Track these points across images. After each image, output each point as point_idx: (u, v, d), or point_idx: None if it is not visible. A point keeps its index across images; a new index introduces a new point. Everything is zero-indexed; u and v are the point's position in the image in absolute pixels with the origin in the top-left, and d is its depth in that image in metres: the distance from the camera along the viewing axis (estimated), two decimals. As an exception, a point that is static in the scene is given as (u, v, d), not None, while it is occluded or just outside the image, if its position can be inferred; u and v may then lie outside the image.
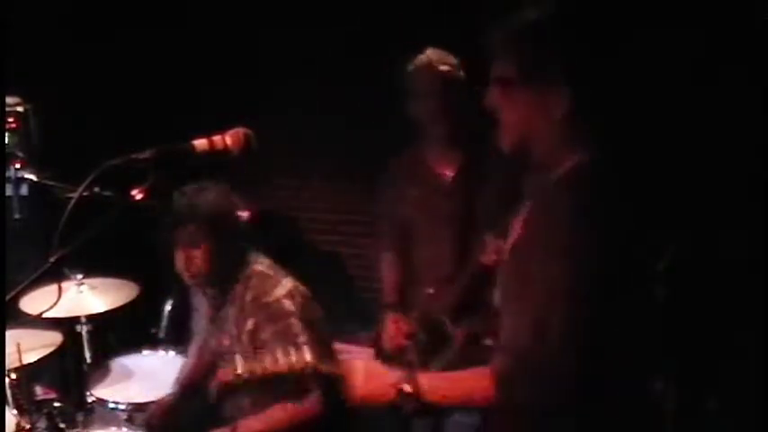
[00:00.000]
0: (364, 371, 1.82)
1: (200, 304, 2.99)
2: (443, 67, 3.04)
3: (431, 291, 3.15)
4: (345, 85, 4.21)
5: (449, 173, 3.16)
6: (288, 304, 2.71)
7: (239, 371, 1.90)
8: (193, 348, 3.17)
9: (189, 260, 2.75)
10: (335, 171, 4.57)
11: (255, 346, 2.73)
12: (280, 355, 2.67)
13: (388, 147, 3.29)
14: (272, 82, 4.52)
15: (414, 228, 3.25)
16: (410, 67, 3.10)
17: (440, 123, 3.07)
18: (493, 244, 2.82)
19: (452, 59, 3.07)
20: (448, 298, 3.05)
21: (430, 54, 3.08)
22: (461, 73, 3.06)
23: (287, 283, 2.78)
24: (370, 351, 4.00)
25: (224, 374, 2.73)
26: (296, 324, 2.69)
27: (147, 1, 4.46)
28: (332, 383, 2.73)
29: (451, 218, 3.12)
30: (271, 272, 2.81)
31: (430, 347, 3.09)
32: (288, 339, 2.67)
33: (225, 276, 2.80)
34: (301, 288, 2.80)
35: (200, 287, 2.90)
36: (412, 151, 3.26)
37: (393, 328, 3.23)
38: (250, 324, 2.73)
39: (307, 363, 2.67)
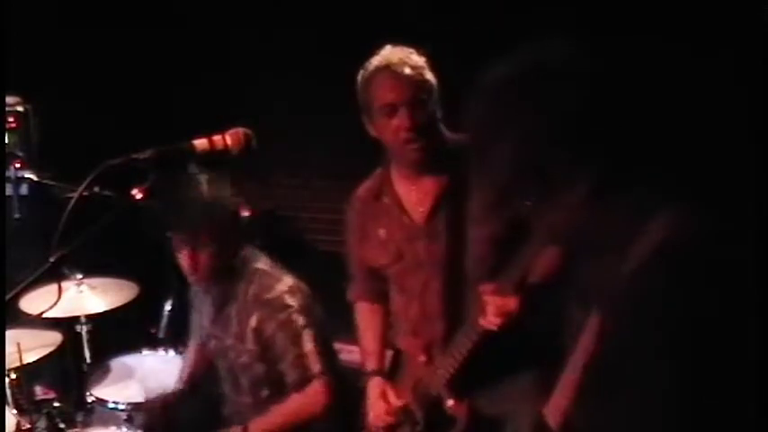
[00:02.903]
0: None
1: (202, 304, 2.99)
2: (407, 71, 2.31)
3: (423, 358, 2.51)
4: (346, 84, 4.20)
5: (421, 208, 2.46)
6: (290, 299, 2.75)
7: None
8: (191, 349, 3.17)
9: (193, 262, 2.74)
10: (335, 171, 4.57)
11: (260, 344, 2.75)
12: (284, 344, 2.72)
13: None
14: (272, 82, 4.51)
15: (390, 278, 2.60)
16: (363, 74, 2.41)
17: (408, 145, 2.35)
18: (494, 303, 2.18)
19: (418, 58, 2.35)
20: (446, 369, 2.39)
21: (388, 54, 2.37)
22: (431, 76, 2.35)
23: (288, 280, 2.80)
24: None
25: None
26: (298, 317, 2.73)
27: (147, 1, 4.46)
28: (333, 370, 2.76)
29: (432, 265, 2.44)
30: (272, 270, 2.83)
31: (426, 428, 2.52)
32: (291, 330, 2.70)
33: (229, 274, 2.81)
34: (302, 285, 2.82)
35: (205, 286, 2.90)
36: (374, 181, 2.61)
37: (380, 403, 2.60)
38: (254, 321, 2.75)
39: (309, 350, 2.72)
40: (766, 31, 2.91)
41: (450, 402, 2.43)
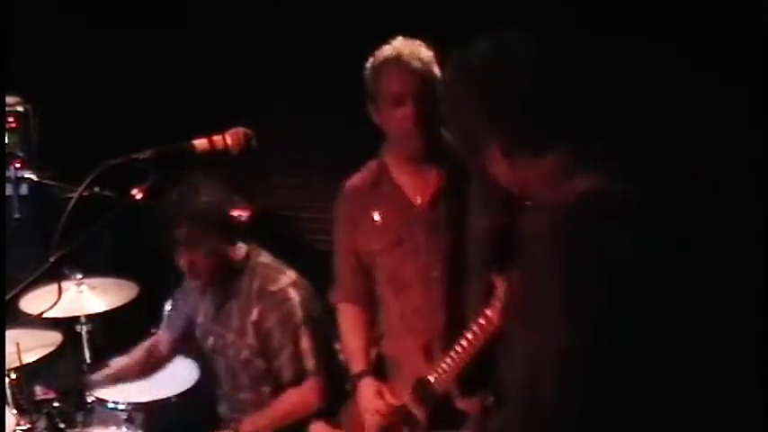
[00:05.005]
0: None
1: (198, 302, 2.99)
2: (417, 64, 2.35)
3: (421, 358, 2.42)
4: (346, 83, 4.19)
5: (422, 195, 2.46)
6: (292, 292, 2.79)
7: None
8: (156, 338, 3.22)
9: (191, 263, 2.77)
10: (335, 171, 4.56)
11: (260, 337, 2.76)
12: (282, 339, 2.73)
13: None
14: (272, 82, 4.51)
15: (381, 268, 2.53)
16: (373, 63, 2.44)
17: (411, 135, 2.37)
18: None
19: (427, 52, 2.39)
20: (455, 364, 2.18)
21: (399, 46, 2.40)
22: (437, 70, 2.34)
23: (291, 274, 2.85)
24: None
25: None
26: (298, 312, 2.76)
27: (147, 1, 4.46)
28: (330, 370, 2.76)
29: (433, 253, 2.41)
30: (276, 264, 2.88)
31: (429, 428, 2.35)
32: (290, 324, 2.72)
33: (230, 271, 2.83)
34: (304, 281, 2.84)
35: (204, 286, 2.91)
36: (370, 171, 2.59)
37: (378, 403, 2.46)
38: (255, 314, 2.77)
39: (305, 347, 2.74)
40: (766, 31, 2.91)
41: (461, 399, 2.22)
